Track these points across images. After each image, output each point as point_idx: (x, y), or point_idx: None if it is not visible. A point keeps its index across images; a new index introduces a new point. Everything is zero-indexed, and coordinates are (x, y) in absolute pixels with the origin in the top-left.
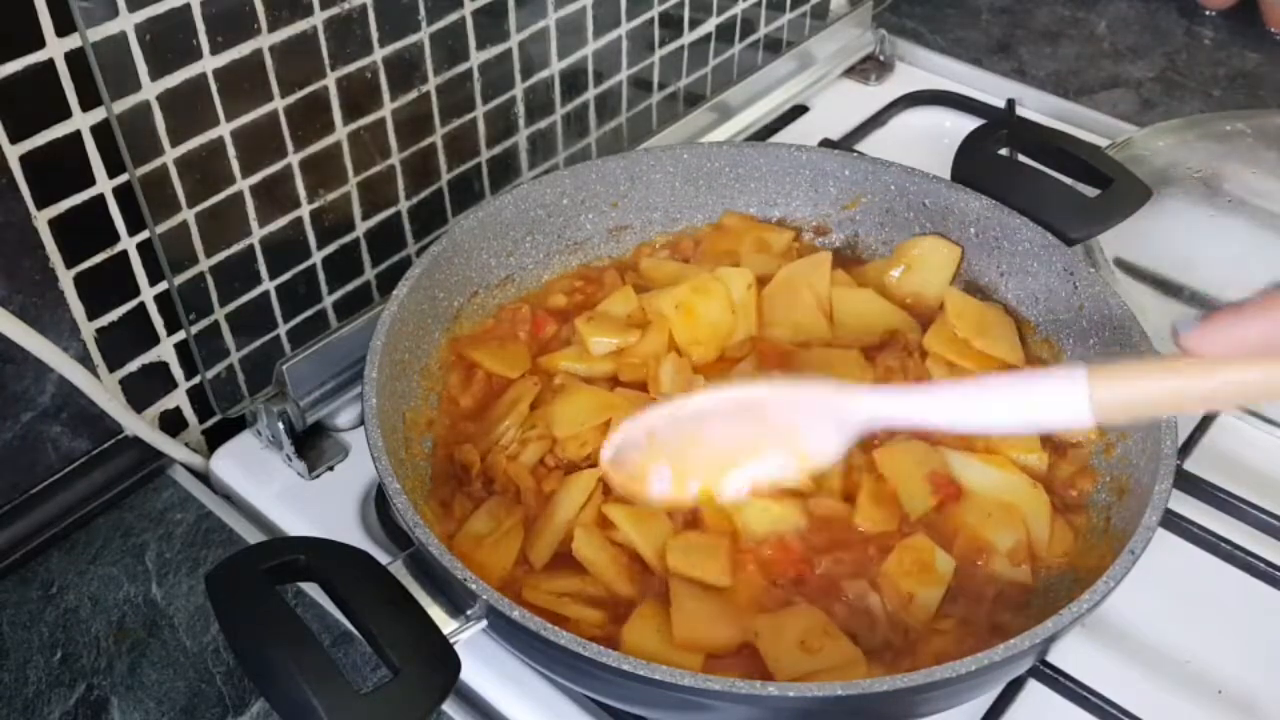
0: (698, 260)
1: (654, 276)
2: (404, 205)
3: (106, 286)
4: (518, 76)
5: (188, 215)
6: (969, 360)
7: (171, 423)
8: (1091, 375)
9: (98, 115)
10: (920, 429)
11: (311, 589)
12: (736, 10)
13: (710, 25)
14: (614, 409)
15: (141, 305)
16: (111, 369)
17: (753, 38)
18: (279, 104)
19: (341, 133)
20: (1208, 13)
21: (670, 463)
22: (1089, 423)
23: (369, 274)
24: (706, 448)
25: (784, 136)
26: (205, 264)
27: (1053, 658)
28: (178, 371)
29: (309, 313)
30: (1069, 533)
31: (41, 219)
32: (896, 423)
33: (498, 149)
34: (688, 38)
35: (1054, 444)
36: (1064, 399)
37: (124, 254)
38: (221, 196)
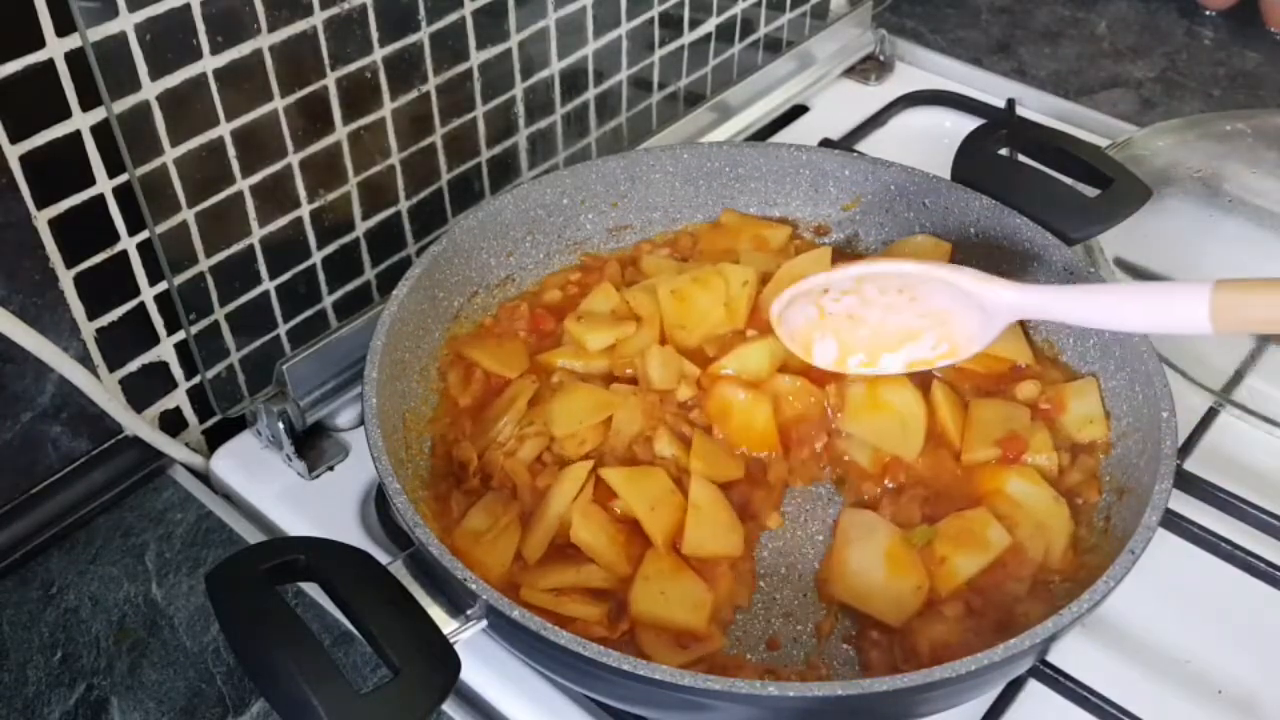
0: (696, 258)
1: (655, 274)
2: (404, 205)
3: (106, 286)
4: (518, 76)
5: (188, 215)
6: (976, 364)
7: (171, 423)
8: (1217, 286)
9: (98, 115)
10: (1060, 321)
11: (311, 589)
12: (736, 10)
13: (710, 25)
14: (611, 407)
15: (141, 305)
16: (111, 369)
17: (753, 38)
18: (279, 104)
19: (341, 133)
20: (1208, 13)
21: (835, 336)
22: (1208, 329)
23: (369, 274)
24: (867, 327)
25: (784, 136)
26: (205, 264)
27: (1053, 658)
28: (178, 371)
29: (309, 313)
30: (1071, 546)
31: (41, 219)
32: (1037, 314)
33: (498, 149)
34: (688, 38)
35: (1069, 447)
36: (1187, 305)
37: (124, 254)
38: (221, 196)
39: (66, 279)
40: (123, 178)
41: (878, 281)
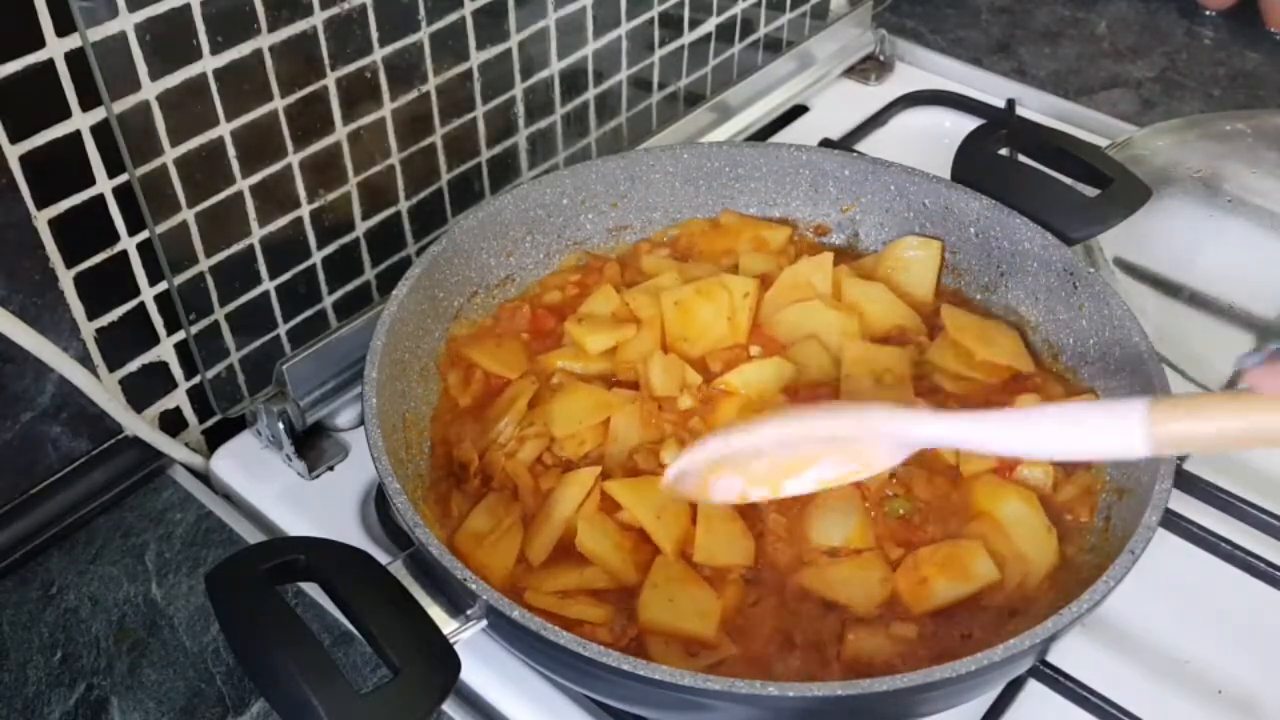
0: (695, 259)
1: (655, 275)
2: (404, 205)
3: (106, 286)
4: (518, 76)
5: (188, 215)
6: (977, 371)
7: (171, 423)
8: (1153, 406)
9: (98, 115)
10: (976, 451)
11: (311, 589)
12: (736, 10)
13: (710, 25)
14: (611, 408)
15: (141, 305)
16: (111, 369)
17: (753, 38)
18: (279, 104)
19: (341, 133)
20: (1208, 13)
21: (736, 473)
22: (1145, 453)
23: (369, 274)
24: (769, 459)
25: (784, 136)
26: (205, 264)
27: (1053, 658)
28: (178, 371)
29: (309, 313)
30: (1049, 577)
31: (41, 219)
32: (953, 445)
33: (498, 149)
34: (688, 38)
35: (1063, 463)
36: (1123, 430)
37: (124, 254)
38: (221, 196)
39: (66, 279)
40: (123, 178)
41: (781, 438)
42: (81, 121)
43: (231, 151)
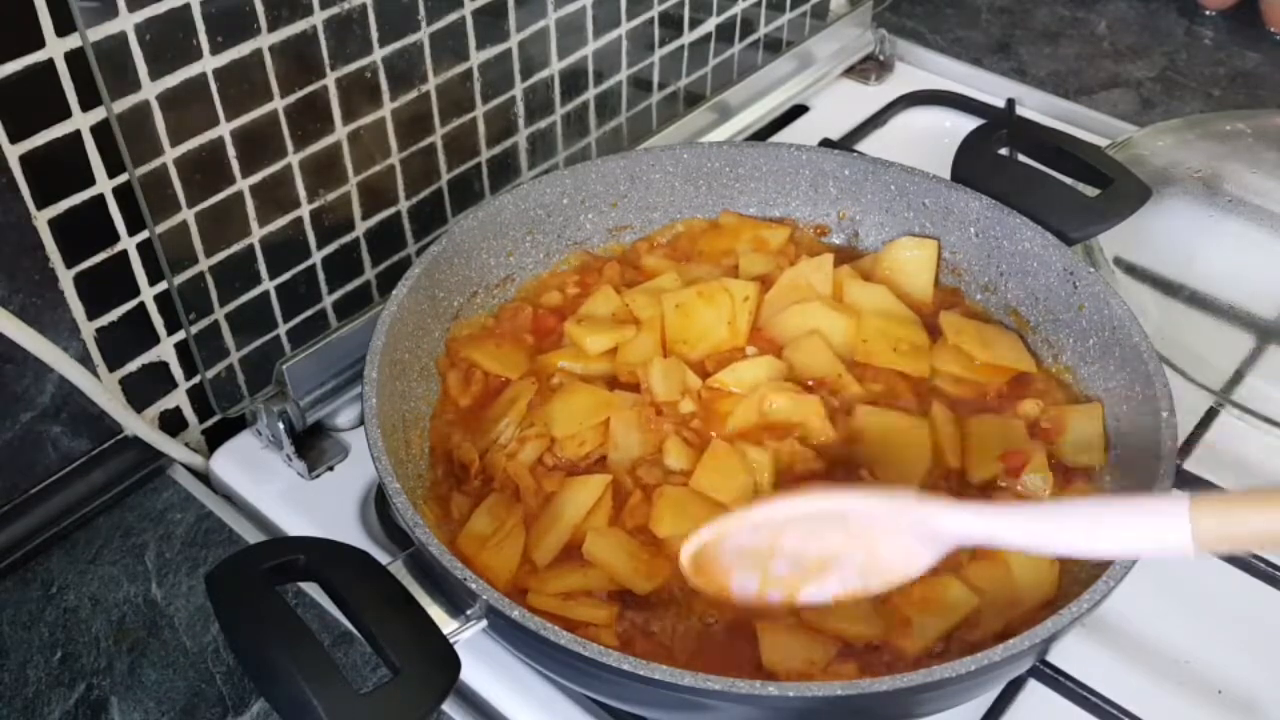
0: (695, 260)
1: (655, 275)
2: (404, 205)
3: (106, 286)
4: (518, 76)
5: (188, 215)
6: (979, 374)
7: (171, 423)
8: (1194, 505)
9: (98, 115)
10: (1011, 548)
11: (311, 589)
12: (736, 10)
13: (710, 25)
14: (611, 408)
15: (141, 305)
16: (111, 369)
17: (753, 38)
18: (279, 104)
19: (341, 133)
20: (1208, 13)
21: (755, 570)
22: (1190, 554)
23: (369, 274)
24: (787, 557)
25: (784, 136)
26: (205, 264)
27: (1053, 658)
28: (178, 371)
29: (309, 313)
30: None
31: (41, 219)
32: (985, 542)
33: (498, 149)
34: (688, 38)
35: (1062, 470)
36: (1165, 530)
37: (124, 254)
38: (221, 196)
39: (66, 279)
40: (123, 178)
41: (808, 520)
42: (81, 121)
43: (231, 151)
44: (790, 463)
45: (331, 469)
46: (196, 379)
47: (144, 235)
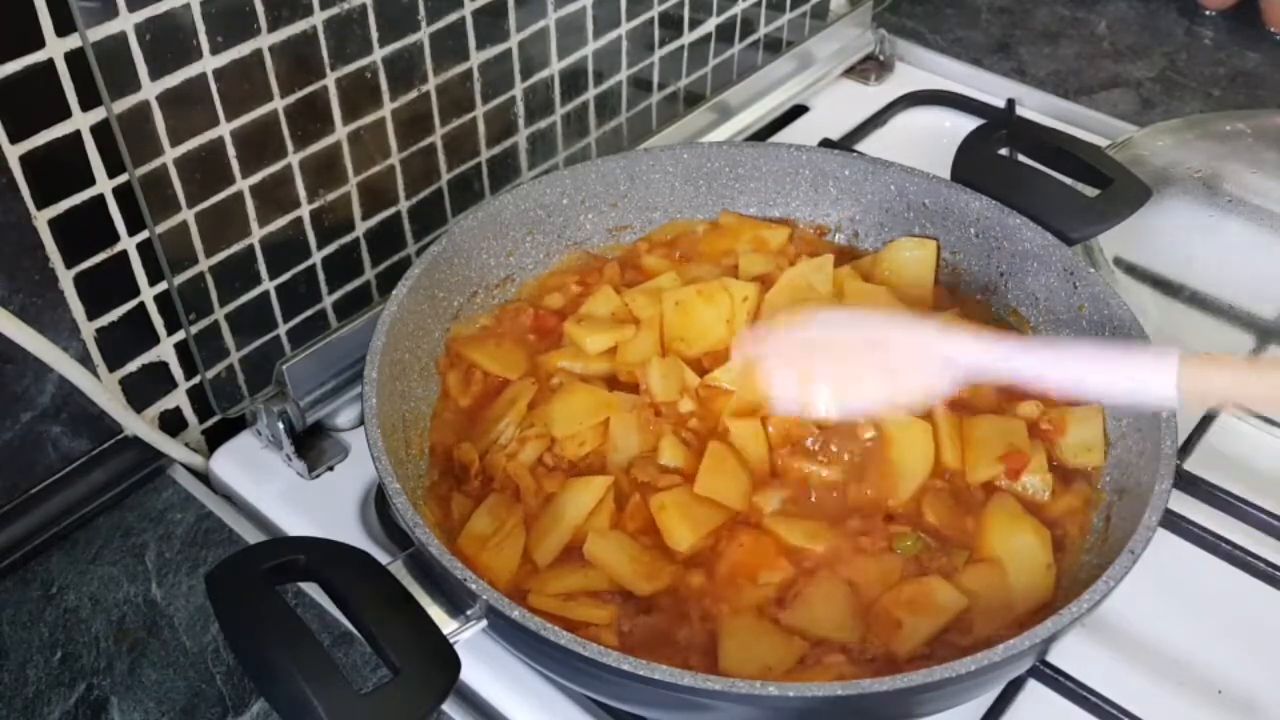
0: (696, 260)
1: (656, 275)
2: (404, 205)
3: (106, 286)
4: (518, 76)
5: (188, 215)
6: None
7: (171, 423)
8: (1184, 359)
9: (98, 115)
10: (1018, 380)
11: (311, 589)
12: (736, 10)
13: (710, 25)
14: (611, 408)
15: (141, 305)
16: (111, 369)
17: (753, 38)
18: (279, 104)
19: (341, 133)
20: (1208, 13)
21: (796, 375)
22: (1173, 402)
23: (369, 274)
24: (826, 372)
25: (784, 136)
26: (205, 264)
27: (1053, 658)
28: (178, 371)
29: (309, 313)
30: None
31: (41, 219)
32: (997, 371)
33: (498, 149)
34: (688, 38)
35: (1061, 472)
36: (1153, 375)
37: (124, 254)
38: (221, 196)
39: (66, 279)
40: (123, 178)
41: (840, 331)
42: (81, 121)
43: (231, 151)
44: (787, 432)
45: (331, 469)
46: (196, 379)
47: (144, 235)
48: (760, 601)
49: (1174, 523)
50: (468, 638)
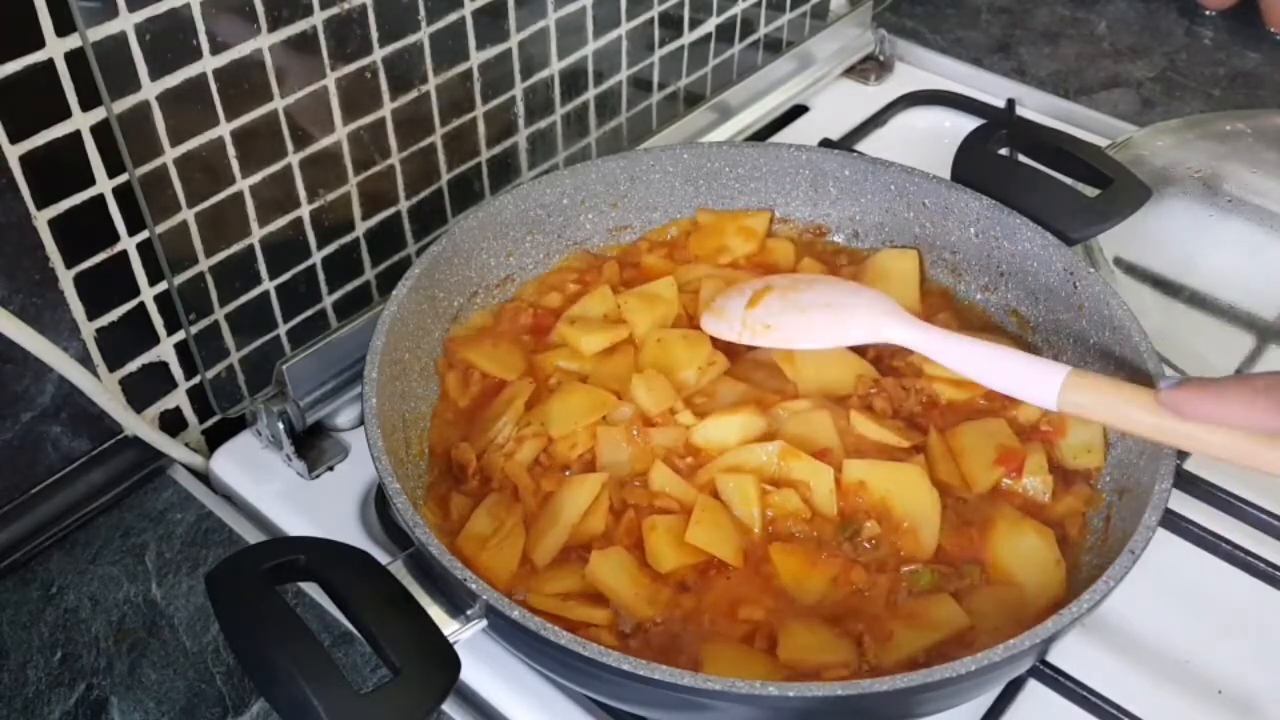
0: (687, 260)
1: (655, 274)
2: (404, 205)
3: (106, 286)
4: (518, 76)
5: (188, 215)
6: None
7: (171, 423)
8: (1073, 373)
9: (98, 115)
10: (922, 355)
11: (311, 589)
12: (736, 10)
13: (710, 25)
14: (608, 407)
15: (141, 305)
16: (111, 369)
17: (753, 38)
18: (279, 104)
19: (341, 133)
20: (1208, 13)
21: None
22: (1052, 407)
23: (369, 274)
24: (789, 310)
25: (784, 136)
26: (205, 264)
27: (1053, 658)
28: (178, 371)
29: (309, 313)
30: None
31: (41, 219)
32: (909, 345)
33: (498, 149)
34: (688, 38)
35: (1061, 473)
36: (1039, 385)
37: (124, 254)
38: (221, 196)
39: (66, 279)
40: (123, 178)
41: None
42: (81, 121)
43: (231, 151)
44: (785, 514)
45: (331, 469)
46: (196, 379)
47: (144, 235)
48: (744, 635)
49: (1174, 522)
50: (468, 638)
